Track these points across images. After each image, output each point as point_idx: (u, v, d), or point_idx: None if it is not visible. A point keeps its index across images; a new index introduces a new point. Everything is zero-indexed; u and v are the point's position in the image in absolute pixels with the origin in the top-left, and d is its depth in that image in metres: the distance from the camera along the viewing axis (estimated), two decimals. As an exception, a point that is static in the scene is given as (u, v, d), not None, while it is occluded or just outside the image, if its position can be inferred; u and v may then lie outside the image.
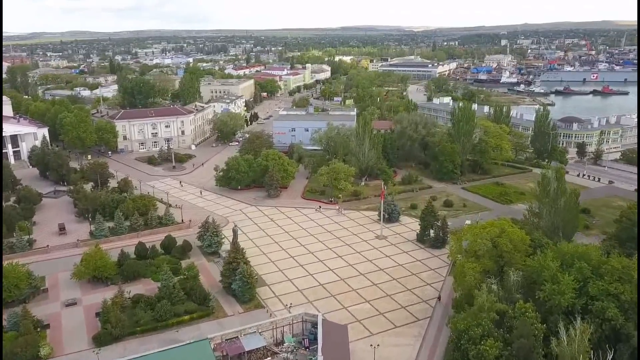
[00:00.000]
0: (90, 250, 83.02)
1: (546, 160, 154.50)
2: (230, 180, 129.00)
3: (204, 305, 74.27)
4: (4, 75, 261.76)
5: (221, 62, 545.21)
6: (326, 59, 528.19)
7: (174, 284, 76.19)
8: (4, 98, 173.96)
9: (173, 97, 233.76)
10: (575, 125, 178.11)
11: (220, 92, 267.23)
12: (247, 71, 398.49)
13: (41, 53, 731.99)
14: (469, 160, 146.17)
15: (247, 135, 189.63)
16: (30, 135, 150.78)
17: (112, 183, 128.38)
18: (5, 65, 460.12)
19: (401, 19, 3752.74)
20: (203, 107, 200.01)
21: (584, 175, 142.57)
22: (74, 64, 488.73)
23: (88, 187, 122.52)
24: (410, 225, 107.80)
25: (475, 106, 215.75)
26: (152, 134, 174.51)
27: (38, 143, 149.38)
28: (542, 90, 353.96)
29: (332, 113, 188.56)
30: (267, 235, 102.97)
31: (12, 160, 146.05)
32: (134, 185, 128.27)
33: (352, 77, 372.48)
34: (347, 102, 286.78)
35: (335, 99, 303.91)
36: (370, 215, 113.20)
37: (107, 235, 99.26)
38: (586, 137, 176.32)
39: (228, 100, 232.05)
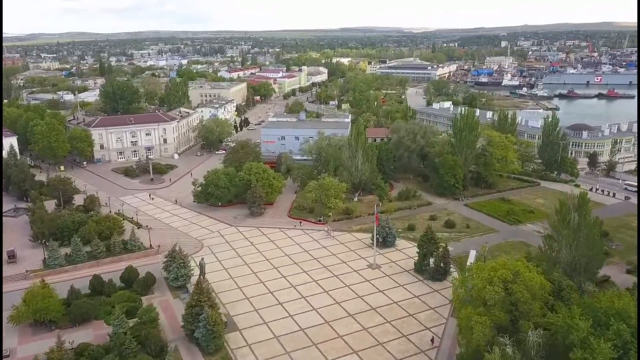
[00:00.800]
0: (33, 286, 71.07)
1: (555, 173, 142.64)
2: (209, 196, 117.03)
3: (160, 358, 62.30)
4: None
5: (216, 64, 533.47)
6: (323, 60, 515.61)
7: (126, 332, 64.36)
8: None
9: (161, 102, 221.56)
10: (585, 134, 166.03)
11: (210, 96, 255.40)
12: (241, 74, 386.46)
13: (35, 55, 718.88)
14: (471, 172, 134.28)
15: (232, 144, 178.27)
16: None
17: (79, 199, 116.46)
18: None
19: (401, 21, 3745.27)
20: (188, 112, 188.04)
21: (597, 189, 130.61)
22: (67, 66, 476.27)
23: (51, 204, 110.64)
24: (407, 250, 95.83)
25: (477, 112, 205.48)
26: (131, 142, 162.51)
27: (5, 153, 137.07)
28: (545, 94, 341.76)
29: (325, 120, 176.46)
30: (245, 264, 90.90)
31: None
32: (101, 202, 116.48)
33: (349, 79, 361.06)
34: (343, 106, 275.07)
35: (331, 103, 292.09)
36: (363, 238, 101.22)
37: (62, 264, 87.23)
38: (597, 146, 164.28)
39: (217, 105, 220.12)
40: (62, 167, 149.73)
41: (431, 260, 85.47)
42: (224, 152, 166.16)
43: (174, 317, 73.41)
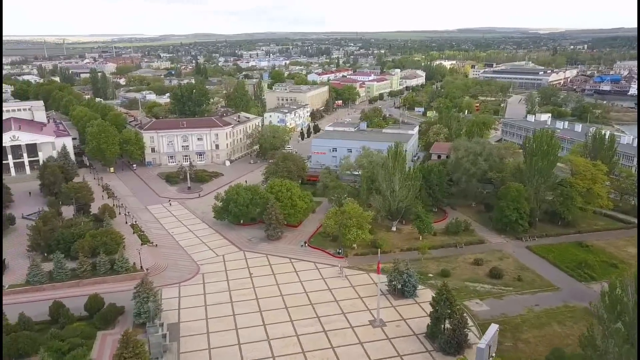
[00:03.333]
0: (-25, 312, 65.15)
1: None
2: (228, 214, 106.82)
3: None
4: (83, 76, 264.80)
5: (315, 65, 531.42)
6: (423, 63, 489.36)
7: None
8: (37, 103, 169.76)
9: (229, 104, 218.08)
10: None
11: (286, 99, 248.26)
12: (331, 76, 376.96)
13: (154, 55, 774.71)
14: (546, 202, 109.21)
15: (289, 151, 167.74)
16: (48, 144, 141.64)
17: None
18: (113, 65, 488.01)
19: (526, 21, 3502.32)
20: (248, 117, 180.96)
21: None
22: (173, 66, 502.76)
23: (70, 211, 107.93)
24: (428, 306, 77.08)
25: (578, 127, 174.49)
26: (182, 146, 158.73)
27: (55, 154, 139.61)
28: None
29: (386, 131, 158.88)
30: (229, 302, 78.64)
31: (12, 171, 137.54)
32: (126, 210, 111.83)
33: (445, 84, 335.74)
34: (429, 113, 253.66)
35: (417, 109, 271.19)
36: (382, 282, 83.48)
37: (42, 281, 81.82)
38: None
39: (286, 110, 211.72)
40: (111, 169, 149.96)
41: (447, 324, 66.62)
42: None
43: (118, 364, 63.34)
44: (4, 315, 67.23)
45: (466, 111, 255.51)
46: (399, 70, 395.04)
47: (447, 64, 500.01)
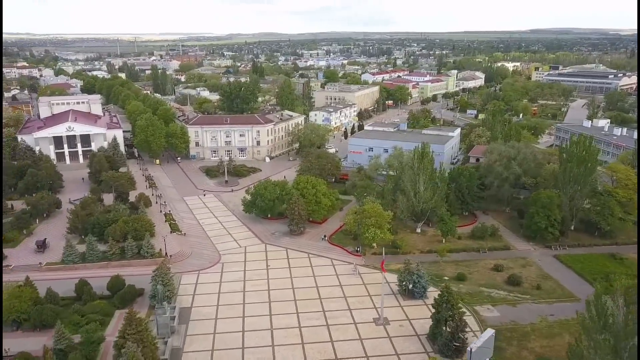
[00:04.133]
0: (10, 286, 71.76)
1: None
2: (255, 207, 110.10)
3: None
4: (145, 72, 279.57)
5: (372, 65, 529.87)
6: (484, 65, 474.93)
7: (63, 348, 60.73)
8: (94, 97, 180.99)
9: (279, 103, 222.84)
10: None
11: (334, 98, 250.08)
12: (386, 76, 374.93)
13: (218, 53, 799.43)
14: (583, 210, 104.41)
15: (331, 149, 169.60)
16: (100, 135, 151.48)
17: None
18: (176, 63, 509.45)
19: (607, 21, 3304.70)
20: (291, 115, 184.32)
21: None
22: (233, 64, 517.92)
23: (110, 198, 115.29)
24: (437, 307, 76.38)
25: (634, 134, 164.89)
26: (225, 142, 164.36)
27: (106, 144, 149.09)
28: None
29: (425, 132, 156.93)
30: (241, 291, 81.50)
31: (67, 159, 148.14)
32: (164, 200, 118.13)
33: (504, 87, 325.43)
34: (481, 116, 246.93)
35: (469, 112, 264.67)
36: (394, 282, 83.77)
37: (75, 261, 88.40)
38: None
39: (331, 109, 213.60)
40: (157, 161, 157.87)
41: (447, 328, 66.00)
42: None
43: (129, 341, 67.66)
44: (34, 288, 73.69)
45: (521, 115, 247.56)
46: (455, 71, 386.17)
47: (510, 65, 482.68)
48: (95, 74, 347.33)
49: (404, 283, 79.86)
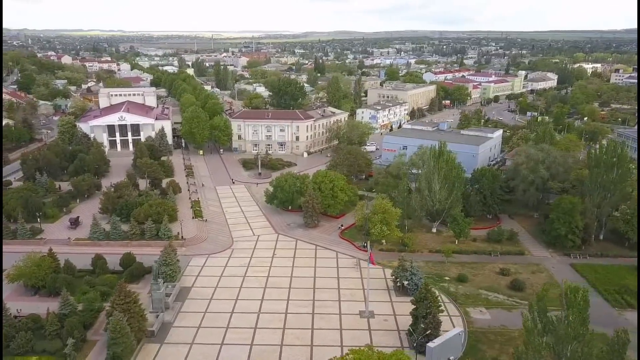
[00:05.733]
0: (31, 254, 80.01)
1: None
2: (276, 198, 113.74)
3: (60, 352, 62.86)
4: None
5: (440, 64, 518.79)
6: (561, 66, 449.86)
7: (61, 315, 67.53)
8: (149, 89, 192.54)
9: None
10: None
11: (386, 96, 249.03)
12: (449, 75, 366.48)
13: (290, 51, 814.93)
14: (612, 219, 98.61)
15: (370, 147, 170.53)
16: (149, 125, 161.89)
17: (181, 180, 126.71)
18: (245, 59, 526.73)
19: None
20: (334, 112, 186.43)
21: None
22: (302, 62, 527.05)
23: (143, 184, 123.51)
24: (427, 305, 75.90)
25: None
26: (266, 136, 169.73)
27: (154, 134, 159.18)
28: None
29: (464, 132, 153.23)
30: (242, 276, 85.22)
31: (119, 147, 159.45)
32: (196, 188, 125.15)
33: (575, 89, 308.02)
34: (540, 118, 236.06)
35: (529, 114, 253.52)
36: (391, 278, 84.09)
37: (99, 238, 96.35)
38: None
39: (379, 107, 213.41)
40: (201, 152, 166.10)
41: (421, 326, 65.77)
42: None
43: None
44: (55, 259, 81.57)
45: (585, 118, 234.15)
46: (523, 72, 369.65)
47: (589, 67, 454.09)
48: (165, 69, 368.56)
49: (397, 280, 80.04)
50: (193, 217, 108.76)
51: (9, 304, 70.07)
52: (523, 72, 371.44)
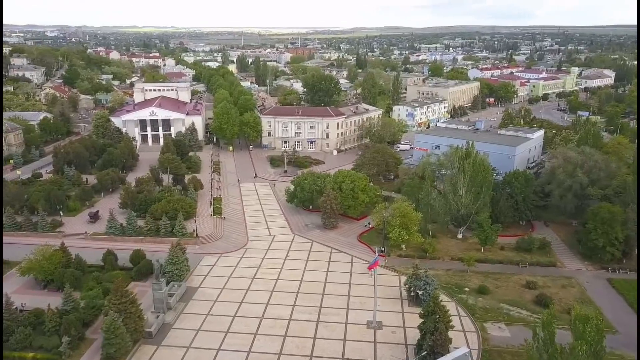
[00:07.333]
0: (42, 248, 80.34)
1: None
2: (295, 198, 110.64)
3: (56, 350, 62.13)
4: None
5: (489, 60, 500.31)
6: (621, 62, 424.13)
7: (69, 309, 67.27)
8: (182, 84, 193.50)
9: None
10: None
11: (426, 93, 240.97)
12: (496, 72, 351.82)
13: (335, 47, 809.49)
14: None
15: (404, 146, 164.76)
16: (179, 121, 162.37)
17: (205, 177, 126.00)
18: (288, 55, 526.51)
19: None
20: (367, 109, 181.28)
21: None
22: (351, 57, 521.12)
23: (167, 180, 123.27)
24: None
25: None
26: (296, 133, 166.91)
27: (184, 129, 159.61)
28: None
29: (501, 132, 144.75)
30: (251, 277, 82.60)
31: (150, 141, 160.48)
32: (220, 185, 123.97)
33: (633, 87, 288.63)
34: (592, 118, 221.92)
35: (579, 113, 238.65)
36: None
37: (115, 233, 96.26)
38: None
39: (416, 104, 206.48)
40: (230, 148, 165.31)
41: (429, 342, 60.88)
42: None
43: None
44: (66, 253, 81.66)
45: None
46: (577, 69, 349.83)
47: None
48: (208, 64, 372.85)
49: (411, 289, 75.18)
50: (211, 215, 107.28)
51: (16, 297, 70.35)
52: (576, 69, 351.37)
